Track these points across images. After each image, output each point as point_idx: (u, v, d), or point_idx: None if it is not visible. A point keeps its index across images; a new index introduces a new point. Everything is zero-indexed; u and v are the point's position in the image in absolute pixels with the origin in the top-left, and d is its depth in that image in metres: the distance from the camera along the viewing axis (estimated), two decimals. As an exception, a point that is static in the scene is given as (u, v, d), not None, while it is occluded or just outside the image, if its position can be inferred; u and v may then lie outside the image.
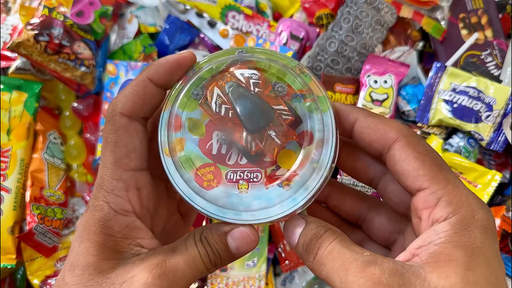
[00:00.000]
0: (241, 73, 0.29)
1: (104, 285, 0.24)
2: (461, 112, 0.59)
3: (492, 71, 0.62)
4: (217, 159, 0.28)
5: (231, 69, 0.29)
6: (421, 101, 0.60)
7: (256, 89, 0.29)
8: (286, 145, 0.29)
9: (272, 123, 0.29)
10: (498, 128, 0.59)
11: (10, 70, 0.59)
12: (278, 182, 0.28)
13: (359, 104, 0.48)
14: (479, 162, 0.62)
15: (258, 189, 0.28)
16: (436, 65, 0.60)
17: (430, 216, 0.23)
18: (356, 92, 0.61)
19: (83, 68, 0.56)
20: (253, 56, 0.30)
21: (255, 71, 0.29)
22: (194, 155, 0.28)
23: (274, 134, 0.29)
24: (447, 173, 0.23)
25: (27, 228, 0.55)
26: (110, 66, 0.57)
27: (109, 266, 0.24)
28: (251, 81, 0.30)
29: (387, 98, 0.51)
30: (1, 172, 0.55)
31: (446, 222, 0.22)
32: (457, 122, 0.59)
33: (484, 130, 0.59)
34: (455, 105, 0.59)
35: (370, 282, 0.21)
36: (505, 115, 0.59)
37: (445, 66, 0.60)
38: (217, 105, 0.29)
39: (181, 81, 0.29)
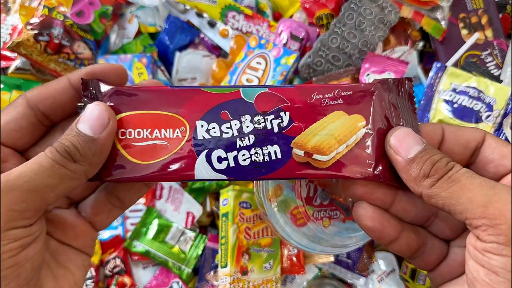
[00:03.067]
0: None
1: None
2: (461, 112, 0.59)
3: (492, 71, 0.62)
4: (307, 202, 0.34)
5: None
6: (421, 102, 0.60)
7: None
8: None
9: None
10: (499, 129, 0.59)
11: (10, 70, 0.58)
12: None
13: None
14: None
15: (338, 223, 0.34)
16: (436, 65, 0.60)
17: None
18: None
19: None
20: None
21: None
22: (290, 198, 0.34)
23: None
24: None
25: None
26: (101, 61, 0.56)
27: None
28: None
29: None
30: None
31: None
32: (457, 122, 0.59)
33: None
34: (455, 105, 0.60)
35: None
36: (505, 115, 0.59)
37: (445, 66, 0.60)
38: None
39: None
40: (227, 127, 0.24)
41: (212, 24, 0.64)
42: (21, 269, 0.22)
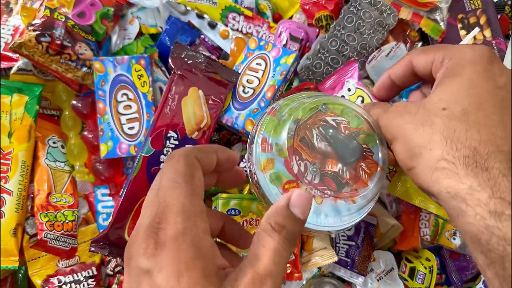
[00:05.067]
0: (333, 119, 0.39)
1: None
2: None
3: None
4: (298, 177, 0.37)
5: (324, 116, 0.39)
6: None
7: (346, 132, 0.39)
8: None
9: (361, 158, 0.38)
10: None
11: (12, 71, 0.59)
12: (345, 198, 0.37)
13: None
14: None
15: (329, 203, 0.36)
16: None
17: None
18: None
19: (84, 69, 0.57)
20: (333, 108, 0.40)
21: (344, 118, 0.39)
22: (281, 173, 0.37)
23: (365, 166, 0.38)
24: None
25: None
26: (96, 64, 0.56)
27: None
28: (342, 125, 0.39)
29: (363, 99, 0.53)
30: (3, 175, 0.55)
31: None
32: None
33: None
34: None
35: (386, 115, 0.38)
36: None
37: None
38: (318, 141, 0.37)
39: (268, 113, 0.39)
40: None
41: (212, 25, 0.64)
42: None
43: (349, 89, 0.54)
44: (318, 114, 0.39)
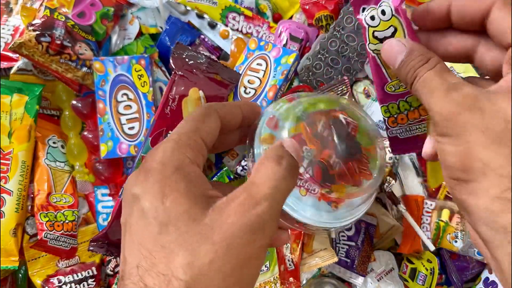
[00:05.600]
0: (344, 118, 0.39)
1: (202, 230, 0.23)
2: None
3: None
4: None
5: (338, 114, 0.39)
6: None
7: (353, 132, 0.39)
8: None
9: (357, 159, 0.38)
10: None
11: (12, 71, 0.59)
12: (329, 201, 0.36)
13: (368, 50, 0.41)
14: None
15: (313, 199, 0.35)
16: None
17: None
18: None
19: (84, 69, 0.57)
20: (349, 109, 0.40)
21: (353, 120, 0.39)
22: None
23: (357, 166, 0.37)
24: None
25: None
26: (97, 64, 0.56)
27: (200, 212, 0.24)
28: (351, 126, 0.39)
29: (396, 30, 0.35)
30: (3, 175, 0.55)
31: None
32: None
33: None
34: None
35: (449, 104, 0.25)
36: None
37: None
38: (321, 128, 0.37)
39: (286, 98, 0.40)
40: None
41: (212, 25, 0.64)
42: None
43: (383, 12, 0.36)
44: (331, 111, 0.39)
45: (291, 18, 0.68)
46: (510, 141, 0.24)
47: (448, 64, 0.52)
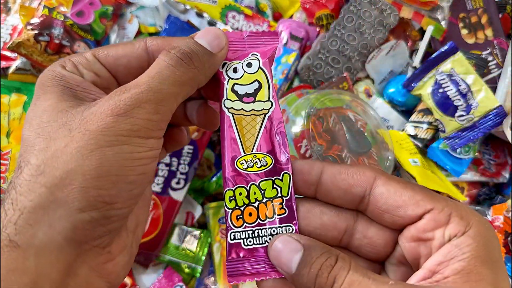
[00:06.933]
0: (353, 115, 0.39)
1: (65, 119, 0.22)
2: (440, 99, 0.59)
3: (492, 71, 0.63)
4: (300, 158, 0.37)
5: (346, 111, 0.40)
6: (418, 68, 0.60)
7: (361, 128, 0.40)
8: None
9: (367, 155, 0.38)
10: (463, 131, 0.58)
11: (10, 70, 0.58)
12: None
13: (223, 108, 0.35)
14: (478, 161, 0.62)
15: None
16: (450, 44, 0.59)
17: (444, 234, 0.22)
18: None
19: (83, 69, 0.56)
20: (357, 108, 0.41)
21: (363, 118, 0.40)
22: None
23: (367, 161, 0.38)
24: (436, 194, 0.24)
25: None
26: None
27: (69, 105, 0.23)
28: (359, 123, 0.40)
29: (260, 88, 0.32)
30: (1, 175, 0.55)
31: (466, 236, 0.22)
32: (431, 105, 0.59)
33: (450, 126, 0.58)
34: (440, 90, 0.59)
35: None
36: (478, 125, 0.58)
37: (457, 50, 0.59)
38: (333, 123, 0.38)
39: (296, 93, 0.41)
40: None
41: (212, 24, 0.64)
42: (145, 179, 0.23)
43: (249, 65, 0.31)
44: (340, 108, 0.39)
45: (291, 17, 0.67)
46: None
47: (448, 67, 0.52)
